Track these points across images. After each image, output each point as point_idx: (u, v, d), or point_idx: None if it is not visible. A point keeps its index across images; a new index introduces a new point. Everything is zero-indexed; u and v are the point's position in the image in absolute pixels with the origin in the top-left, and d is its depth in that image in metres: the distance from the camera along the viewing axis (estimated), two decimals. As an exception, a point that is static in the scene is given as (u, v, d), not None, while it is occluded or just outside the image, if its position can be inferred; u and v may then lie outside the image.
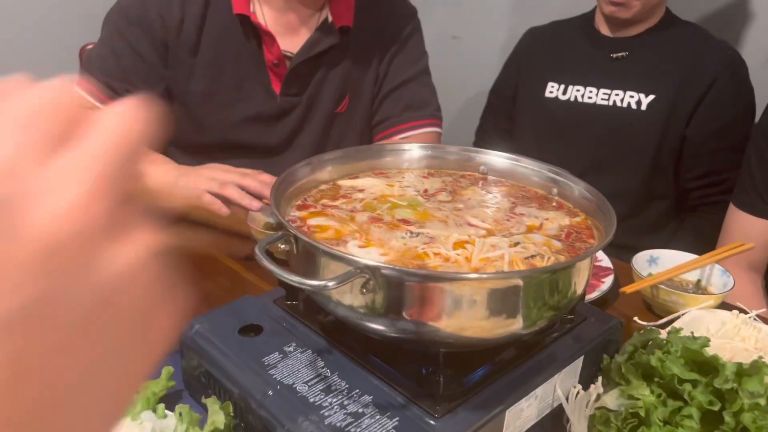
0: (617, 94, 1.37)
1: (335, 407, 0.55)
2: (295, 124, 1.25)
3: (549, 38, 1.50)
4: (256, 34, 1.19)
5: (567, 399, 0.65)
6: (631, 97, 1.36)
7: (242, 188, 0.97)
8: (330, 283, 0.52)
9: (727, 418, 0.56)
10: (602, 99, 1.38)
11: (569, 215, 0.71)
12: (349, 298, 0.56)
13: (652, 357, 0.61)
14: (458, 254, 0.60)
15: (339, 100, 1.27)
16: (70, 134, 0.20)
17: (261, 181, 0.98)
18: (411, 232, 0.65)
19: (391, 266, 0.53)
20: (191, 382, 0.67)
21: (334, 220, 0.66)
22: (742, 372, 0.57)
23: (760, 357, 0.61)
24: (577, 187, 0.71)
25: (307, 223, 0.65)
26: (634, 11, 1.31)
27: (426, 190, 0.75)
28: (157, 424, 0.61)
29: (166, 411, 0.62)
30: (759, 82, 1.35)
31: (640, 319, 0.86)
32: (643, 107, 1.34)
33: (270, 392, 0.58)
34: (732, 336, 0.81)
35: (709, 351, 0.62)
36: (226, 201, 0.97)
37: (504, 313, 0.57)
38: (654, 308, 0.90)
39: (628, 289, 0.87)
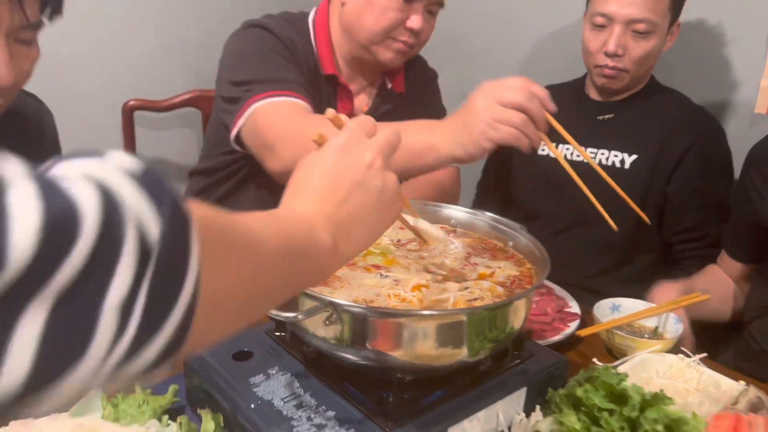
0: (603, 153, 1.48)
1: (303, 419, 0.67)
2: None
3: (544, 101, 1.63)
4: (335, 89, 1.35)
5: (511, 425, 0.75)
6: (615, 156, 1.47)
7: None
8: (300, 315, 0.64)
9: (634, 440, 0.66)
10: (590, 157, 1.49)
11: (517, 265, 0.82)
12: (320, 330, 0.68)
13: (579, 389, 0.72)
14: (413, 295, 0.72)
15: None
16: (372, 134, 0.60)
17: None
18: (381, 275, 0.77)
19: (348, 303, 0.65)
20: (192, 396, 0.79)
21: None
22: (645, 402, 0.67)
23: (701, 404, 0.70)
24: (525, 240, 0.83)
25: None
26: (625, 82, 1.44)
27: (399, 241, 0.88)
28: (163, 430, 0.73)
29: (169, 421, 0.75)
30: (740, 144, 1.45)
31: (598, 360, 0.96)
32: (627, 166, 1.45)
33: (252, 406, 0.70)
34: (676, 378, 0.90)
35: (649, 388, 0.72)
36: None
37: (449, 344, 0.68)
38: (612, 351, 0.99)
39: (583, 332, 0.97)
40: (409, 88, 1.47)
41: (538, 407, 0.76)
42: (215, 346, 0.79)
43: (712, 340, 1.33)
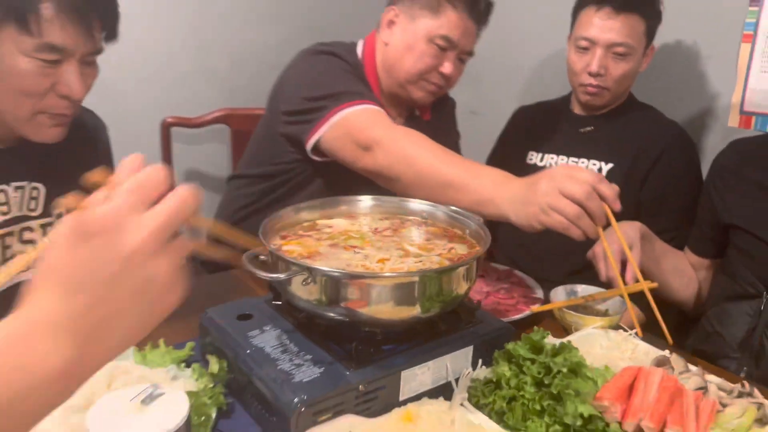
0: (582, 162, 1.64)
1: (286, 360, 0.86)
2: None
3: (532, 115, 1.81)
4: None
5: (459, 377, 0.92)
6: (594, 164, 1.62)
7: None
8: (282, 275, 0.83)
9: (547, 381, 0.82)
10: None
11: (469, 247, 0.99)
12: (302, 292, 0.87)
13: (510, 345, 0.88)
14: (377, 265, 0.90)
15: None
16: (155, 199, 0.48)
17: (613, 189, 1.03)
18: (355, 251, 0.96)
19: (317, 267, 0.84)
20: (204, 349, 0.98)
21: (302, 246, 0.98)
22: (555, 351, 0.83)
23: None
24: (475, 226, 1.00)
25: (282, 247, 0.97)
26: (606, 99, 1.60)
27: (377, 229, 1.06)
28: (180, 373, 0.93)
29: (185, 367, 0.94)
30: (715, 155, 1.58)
31: (552, 335, 1.12)
32: (604, 173, 1.61)
33: (248, 351, 0.88)
34: (613, 349, 1.06)
35: (591, 358, 0.88)
36: None
37: (404, 302, 0.86)
38: (565, 328, 1.15)
39: (535, 309, 1.13)
40: (433, 116, 1.66)
41: (480, 361, 0.93)
42: (225, 310, 0.98)
43: (677, 328, 1.46)
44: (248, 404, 0.88)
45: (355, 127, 1.30)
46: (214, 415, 0.85)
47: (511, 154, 1.79)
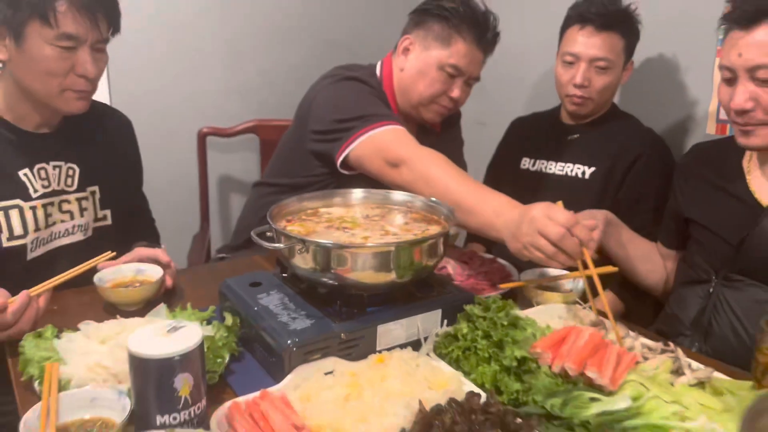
0: (568, 167, 1.82)
1: (285, 315, 1.06)
2: None
3: (526, 125, 1.99)
4: None
5: (430, 334, 1.11)
6: (578, 168, 1.80)
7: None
8: (281, 245, 1.04)
9: (492, 333, 1.01)
10: (558, 170, 1.83)
11: (442, 228, 1.19)
12: (300, 261, 1.08)
13: (469, 307, 1.07)
14: (361, 241, 1.11)
15: None
16: None
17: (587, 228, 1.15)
18: (345, 231, 1.16)
19: (310, 239, 1.05)
20: (222, 310, 1.20)
21: (303, 227, 1.19)
22: (498, 307, 1.02)
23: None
24: (447, 211, 1.20)
25: (286, 228, 1.18)
26: (590, 108, 1.78)
27: (368, 215, 1.26)
28: (203, 329, 1.14)
29: (207, 324, 1.15)
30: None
31: (519, 306, 1.30)
32: (587, 176, 1.78)
33: (255, 308, 1.10)
34: (569, 320, 1.23)
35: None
36: None
37: (382, 269, 1.06)
38: (533, 303, 1.33)
39: (503, 285, 1.31)
40: (443, 128, 1.86)
41: (446, 322, 1.12)
42: (240, 280, 1.20)
43: (656, 314, 1.61)
44: (255, 351, 1.09)
45: (383, 146, 1.47)
46: (227, 358, 1.05)
47: (507, 160, 1.98)
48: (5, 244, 1.33)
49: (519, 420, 0.87)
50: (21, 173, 1.37)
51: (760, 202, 1.32)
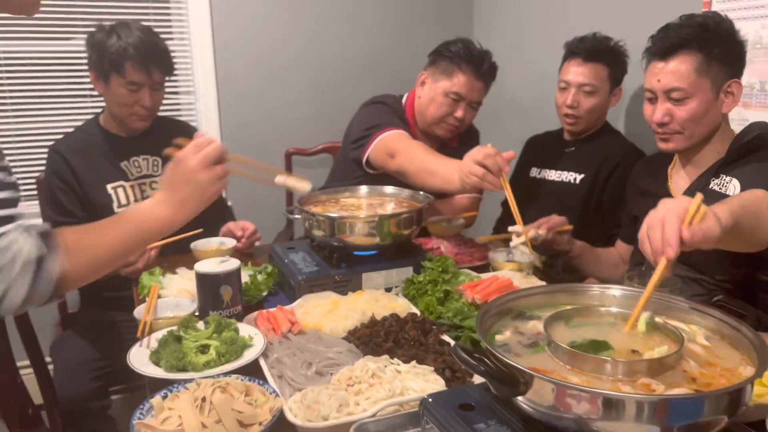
0: (563, 174, 2.21)
1: (302, 264, 1.59)
2: None
3: (537, 141, 2.40)
4: None
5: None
6: (572, 175, 2.19)
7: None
8: (298, 216, 1.58)
9: (437, 279, 1.47)
10: (555, 177, 2.23)
11: (411, 209, 1.67)
12: (316, 230, 1.60)
13: (425, 262, 1.54)
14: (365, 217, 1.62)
15: None
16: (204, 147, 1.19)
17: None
18: (349, 211, 1.68)
19: (323, 214, 1.57)
20: (270, 265, 1.74)
21: (322, 209, 1.71)
22: (441, 263, 1.48)
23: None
24: (423, 197, 1.68)
25: (311, 209, 1.71)
26: (582, 126, 2.17)
27: (371, 203, 1.77)
28: (258, 277, 1.70)
29: (259, 274, 1.70)
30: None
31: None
32: (577, 182, 2.17)
33: (285, 261, 1.63)
34: (518, 282, 1.65)
35: None
36: None
37: (371, 234, 1.56)
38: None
39: (482, 238, 1.76)
40: (460, 142, 2.33)
41: (415, 275, 1.59)
42: (282, 246, 1.74)
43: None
44: (284, 288, 1.62)
45: (386, 143, 2.04)
46: (264, 291, 1.60)
47: (522, 169, 2.39)
48: (116, 210, 2.04)
49: (434, 326, 1.34)
50: (122, 164, 2.08)
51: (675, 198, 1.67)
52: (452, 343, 1.24)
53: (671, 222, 0.93)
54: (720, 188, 1.57)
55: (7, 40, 2.51)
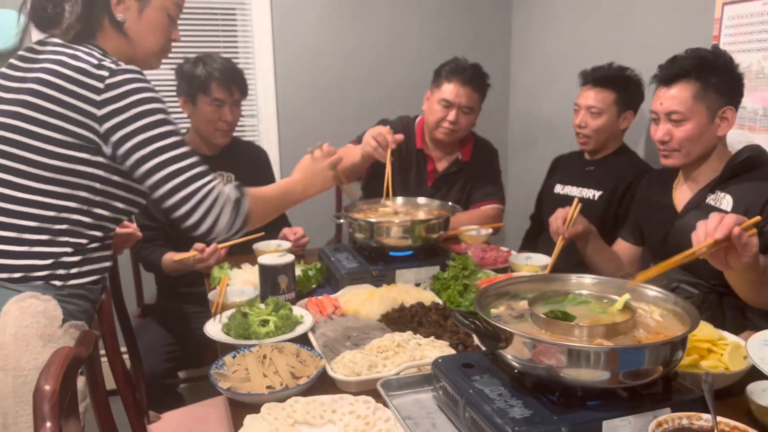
0: (584, 191, 2.44)
1: (345, 261, 1.88)
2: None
3: (563, 160, 2.64)
4: (425, 158, 2.59)
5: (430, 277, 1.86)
6: (591, 192, 2.41)
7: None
8: (341, 221, 1.87)
9: (458, 275, 1.73)
10: (577, 193, 2.46)
11: (437, 217, 1.93)
12: (357, 234, 1.89)
13: (449, 261, 1.81)
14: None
15: (456, 194, 2.58)
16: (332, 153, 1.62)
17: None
18: (390, 218, 1.96)
19: (363, 219, 1.86)
20: (319, 262, 2.03)
21: (363, 215, 2.00)
22: (462, 262, 1.74)
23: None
24: (451, 207, 1.94)
25: (354, 215, 2.00)
26: (591, 146, 2.41)
27: (406, 212, 2.05)
28: (309, 272, 2.00)
29: (310, 270, 2.00)
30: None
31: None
32: (596, 198, 2.39)
33: (332, 258, 1.92)
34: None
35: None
36: None
37: (403, 236, 1.84)
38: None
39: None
40: (472, 158, 2.61)
41: (440, 268, 1.86)
42: (330, 247, 2.04)
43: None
44: (330, 281, 1.91)
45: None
46: (314, 284, 1.89)
47: (548, 186, 2.63)
48: None
49: (453, 312, 1.60)
50: None
51: (677, 209, 1.89)
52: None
53: (731, 218, 1.23)
54: (715, 203, 1.78)
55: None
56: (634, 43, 2.63)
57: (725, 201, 1.76)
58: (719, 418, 1.03)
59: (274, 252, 2.06)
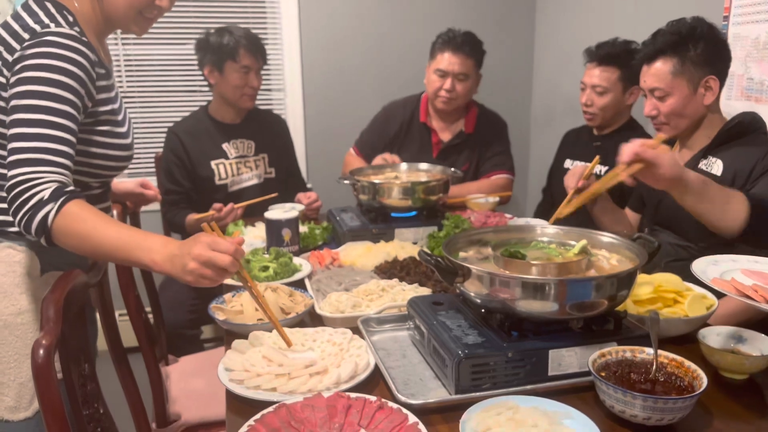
0: (591, 164, 2.49)
1: (348, 220, 2.00)
2: None
3: (572, 135, 2.69)
4: (429, 131, 2.70)
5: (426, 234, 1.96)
6: (598, 168, 2.46)
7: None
8: (347, 182, 1.99)
9: (449, 232, 1.83)
10: (585, 167, 2.51)
11: (438, 180, 2.03)
12: (362, 195, 2.01)
13: (443, 221, 1.91)
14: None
15: (462, 164, 2.68)
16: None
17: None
18: (393, 179, 2.07)
19: (362, 179, 1.98)
20: (327, 221, 2.16)
21: (366, 177, 2.12)
22: (454, 220, 1.84)
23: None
24: (450, 172, 2.04)
25: (359, 178, 2.11)
26: (598, 122, 2.45)
27: (409, 176, 2.15)
28: (317, 230, 2.13)
29: (318, 229, 2.13)
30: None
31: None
32: (602, 173, 2.44)
33: (338, 218, 2.05)
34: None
35: None
36: None
37: (404, 197, 1.95)
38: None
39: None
40: (477, 130, 2.69)
41: (436, 231, 1.95)
42: (336, 208, 2.16)
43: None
44: (335, 239, 2.03)
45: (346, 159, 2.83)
46: (320, 240, 2.01)
47: (558, 161, 2.69)
48: (217, 182, 2.52)
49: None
50: (223, 145, 2.55)
51: (672, 177, 1.93)
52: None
53: (636, 142, 1.47)
54: (706, 168, 1.83)
55: (134, 46, 3.11)
56: (653, 20, 2.64)
57: (716, 166, 1.81)
58: (660, 352, 1.10)
59: (282, 208, 2.20)
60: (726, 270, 1.22)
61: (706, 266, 1.18)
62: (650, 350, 1.11)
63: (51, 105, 1.22)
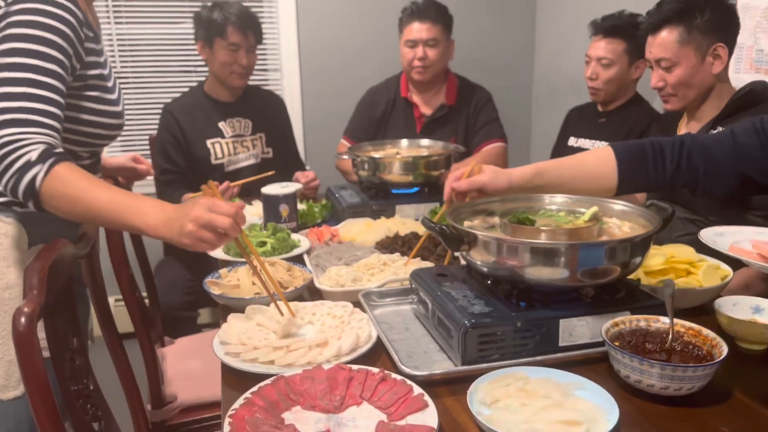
0: (596, 143, 2.43)
1: (348, 197, 1.94)
2: None
3: (576, 112, 2.63)
4: (411, 106, 2.65)
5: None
6: (602, 143, 2.40)
7: None
8: (347, 157, 1.93)
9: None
10: (589, 145, 2.45)
11: (439, 155, 1.97)
12: (361, 171, 1.95)
13: (448, 196, 1.86)
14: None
15: (448, 138, 2.62)
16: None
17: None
18: (394, 155, 2.01)
19: (366, 155, 1.92)
20: (326, 199, 2.11)
21: (366, 153, 2.06)
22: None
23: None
24: (454, 149, 1.98)
25: (359, 153, 2.06)
26: (602, 97, 2.39)
27: (410, 152, 2.10)
28: (316, 209, 2.07)
29: (317, 207, 2.07)
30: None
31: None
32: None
33: (337, 195, 1.99)
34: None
35: None
36: None
37: (406, 173, 1.89)
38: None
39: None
40: (459, 102, 2.63)
41: (438, 206, 1.90)
42: (336, 185, 2.11)
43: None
44: (335, 217, 1.98)
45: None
46: (318, 218, 1.96)
47: (563, 139, 2.63)
48: (213, 162, 2.46)
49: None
50: (219, 124, 2.49)
51: (681, 150, 1.87)
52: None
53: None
54: (716, 139, 1.77)
55: (128, 25, 3.04)
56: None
57: (725, 137, 1.75)
58: (676, 320, 1.05)
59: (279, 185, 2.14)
60: (734, 241, 1.16)
61: (714, 236, 1.12)
62: (665, 319, 1.06)
63: (38, 63, 1.16)
